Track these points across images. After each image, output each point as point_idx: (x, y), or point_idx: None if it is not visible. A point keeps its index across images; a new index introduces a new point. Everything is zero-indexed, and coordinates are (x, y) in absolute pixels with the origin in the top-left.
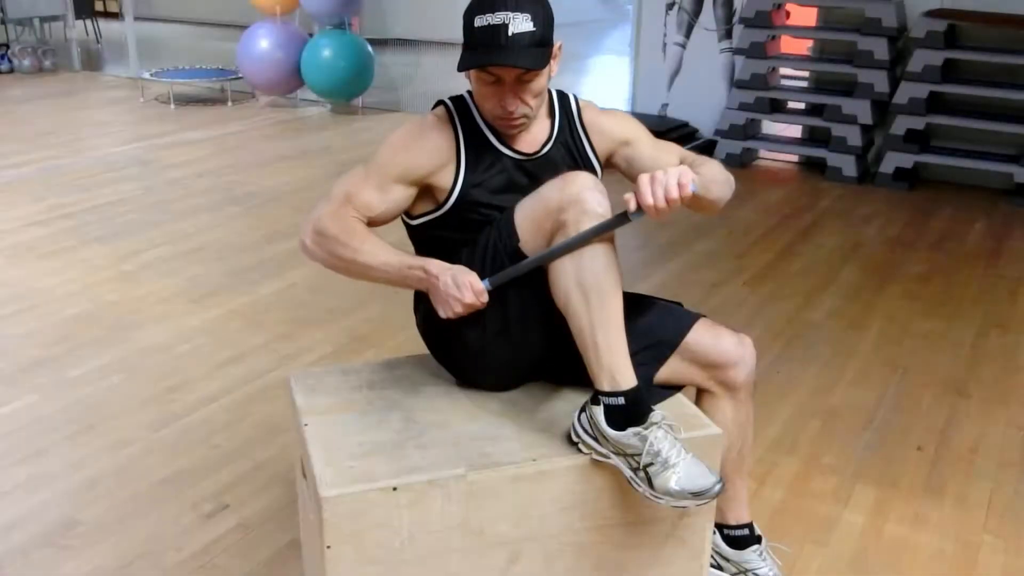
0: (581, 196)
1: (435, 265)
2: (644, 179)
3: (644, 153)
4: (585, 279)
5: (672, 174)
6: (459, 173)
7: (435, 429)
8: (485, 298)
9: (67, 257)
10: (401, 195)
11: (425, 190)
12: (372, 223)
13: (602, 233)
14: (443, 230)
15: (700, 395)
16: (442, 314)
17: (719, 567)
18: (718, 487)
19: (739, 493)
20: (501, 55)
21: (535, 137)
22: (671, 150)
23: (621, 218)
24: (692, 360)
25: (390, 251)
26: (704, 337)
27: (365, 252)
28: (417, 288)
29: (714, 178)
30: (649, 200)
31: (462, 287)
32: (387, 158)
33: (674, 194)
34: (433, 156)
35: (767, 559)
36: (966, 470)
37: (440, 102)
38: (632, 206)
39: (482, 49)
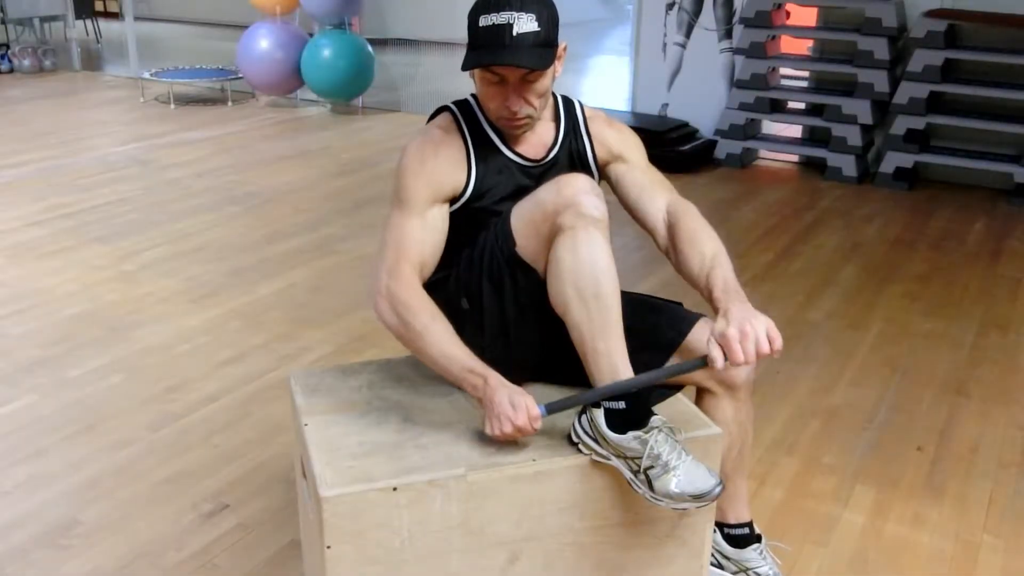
0: (577, 199)
1: (495, 379)
2: (734, 335)
3: (636, 179)
4: (583, 284)
5: (760, 327)
6: (470, 180)
7: (435, 429)
8: (539, 425)
9: (67, 257)
10: (439, 216)
11: None
12: (426, 266)
13: (676, 375)
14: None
15: (700, 394)
16: (489, 431)
17: (719, 565)
18: (718, 489)
19: (739, 492)
20: (505, 55)
21: (541, 141)
22: (662, 188)
23: (700, 363)
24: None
25: (458, 345)
26: (705, 336)
27: (434, 333)
28: (471, 393)
29: (712, 236)
30: (740, 358)
31: (518, 409)
32: (413, 186)
33: (765, 349)
34: (451, 167)
35: (767, 558)
36: (966, 470)
37: (444, 108)
38: (719, 362)
39: (486, 49)
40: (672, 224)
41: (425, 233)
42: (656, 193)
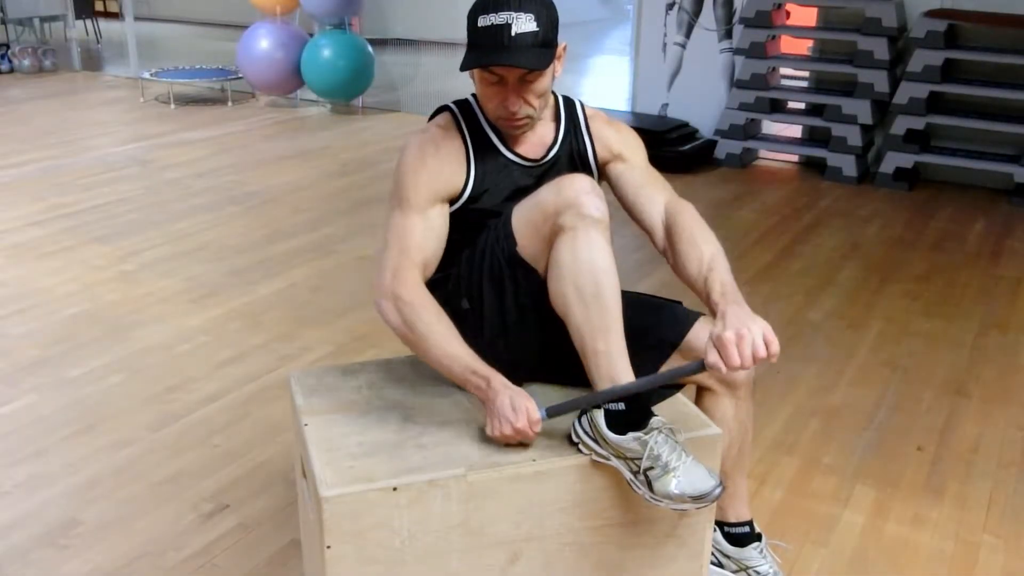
0: (578, 200)
1: (498, 380)
2: (730, 339)
3: (634, 178)
4: (584, 284)
5: (756, 331)
6: (469, 179)
7: (435, 429)
8: (538, 428)
9: (67, 257)
10: (440, 215)
11: None
12: (429, 266)
13: (676, 379)
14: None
15: (700, 393)
16: (489, 432)
17: (720, 564)
18: (718, 491)
19: (740, 491)
20: (503, 55)
21: (541, 141)
22: (661, 188)
23: (698, 366)
24: (693, 358)
25: (461, 346)
26: (705, 335)
27: (438, 334)
28: (472, 393)
29: (710, 237)
30: (737, 362)
31: (519, 411)
32: (414, 184)
33: (762, 353)
34: (451, 165)
35: (767, 556)
36: (966, 470)
37: (444, 108)
38: (720, 366)
39: (485, 49)
40: (670, 224)
41: (427, 232)
42: (655, 193)
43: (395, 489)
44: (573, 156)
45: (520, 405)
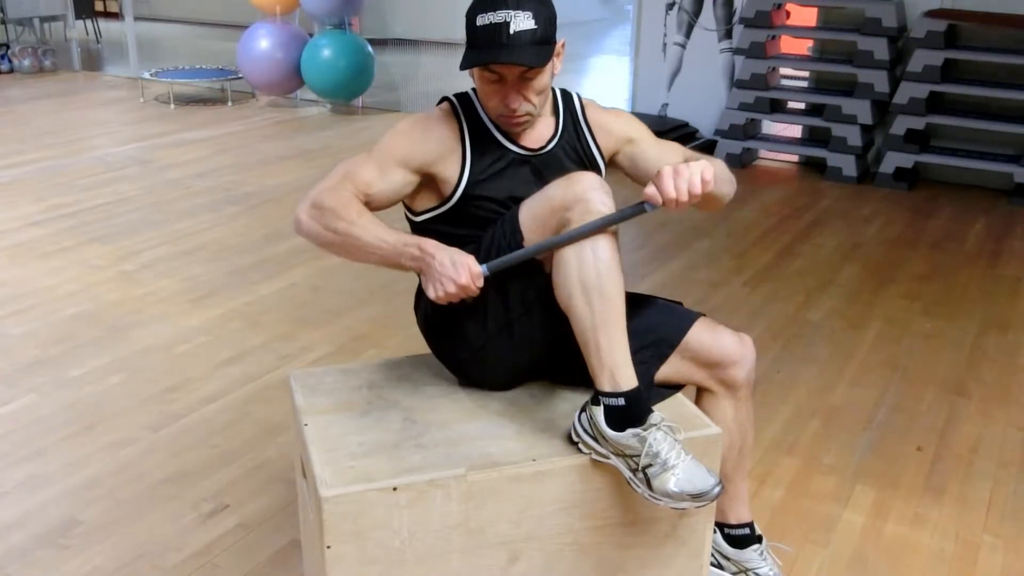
0: (586, 195)
1: (431, 244)
2: (667, 172)
3: (648, 152)
4: (588, 278)
5: (695, 169)
6: (464, 166)
7: (435, 429)
8: (480, 282)
9: (67, 257)
10: (401, 179)
11: (430, 184)
12: (369, 204)
13: (615, 223)
14: (447, 226)
15: (700, 394)
16: (432, 294)
17: (719, 566)
18: (717, 489)
19: (740, 492)
20: (503, 53)
21: (540, 134)
22: (674, 149)
23: (637, 208)
24: (692, 359)
25: (386, 228)
26: (704, 336)
27: (360, 226)
28: (411, 267)
29: (721, 175)
30: (672, 193)
31: (459, 267)
32: (390, 142)
33: (697, 189)
34: (437, 146)
35: (767, 558)
36: (966, 470)
37: (445, 98)
38: (656, 199)
39: (484, 48)
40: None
41: (379, 179)
42: (676, 155)
43: (395, 489)
44: (573, 147)
45: (460, 261)
